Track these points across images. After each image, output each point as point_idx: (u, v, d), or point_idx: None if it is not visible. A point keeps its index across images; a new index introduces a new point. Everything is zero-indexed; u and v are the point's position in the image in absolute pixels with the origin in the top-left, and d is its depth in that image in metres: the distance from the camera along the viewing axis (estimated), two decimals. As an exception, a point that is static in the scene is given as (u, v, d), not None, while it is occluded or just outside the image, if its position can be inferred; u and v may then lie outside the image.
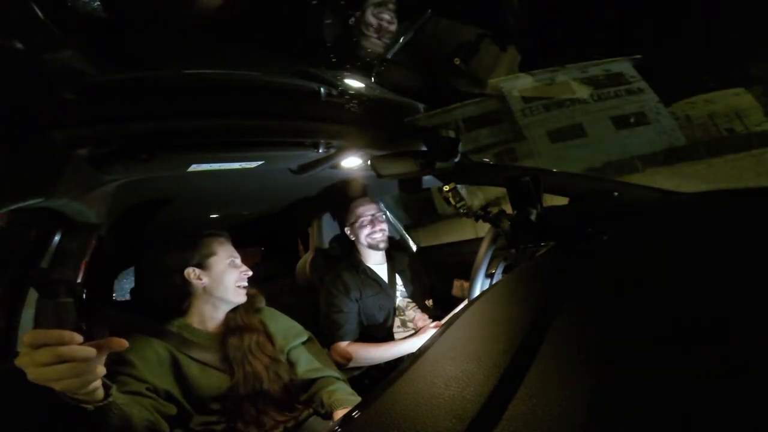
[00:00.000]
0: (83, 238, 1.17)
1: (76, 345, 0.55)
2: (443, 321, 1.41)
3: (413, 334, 1.45)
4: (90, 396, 0.62)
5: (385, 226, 1.61)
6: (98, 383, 0.62)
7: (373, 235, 1.58)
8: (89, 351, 0.56)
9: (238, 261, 1.12)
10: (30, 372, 0.54)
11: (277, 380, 1.03)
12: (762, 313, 0.37)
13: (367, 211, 1.59)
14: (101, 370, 0.60)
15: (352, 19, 0.94)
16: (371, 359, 1.39)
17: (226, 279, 1.06)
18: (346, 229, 1.64)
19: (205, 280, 1.06)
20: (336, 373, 1.14)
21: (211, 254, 1.08)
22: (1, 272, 1.01)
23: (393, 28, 0.95)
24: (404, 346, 1.39)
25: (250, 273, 1.11)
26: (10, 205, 0.74)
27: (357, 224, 1.59)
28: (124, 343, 0.59)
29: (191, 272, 1.06)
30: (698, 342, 0.36)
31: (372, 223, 1.58)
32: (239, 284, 1.09)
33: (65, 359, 0.54)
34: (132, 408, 0.75)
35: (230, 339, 1.03)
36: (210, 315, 1.07)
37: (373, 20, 0.93)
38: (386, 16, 0.93)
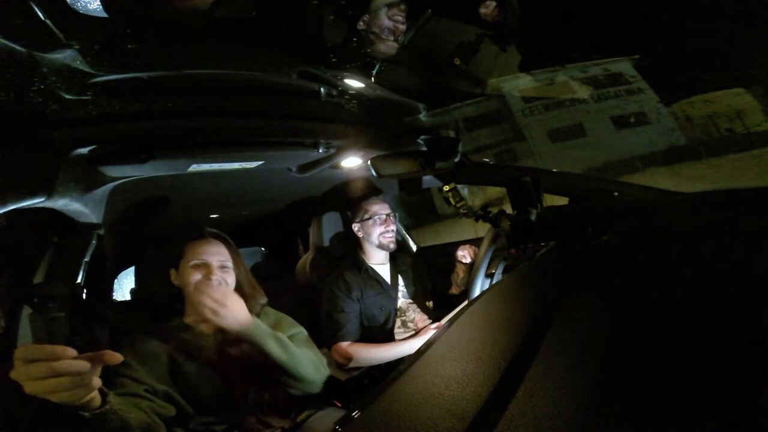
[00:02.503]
0: (83, 238, 1.17)
1: (69, 359, 0.55)
2: (443, 321, 1.41)
3: (414, 335, 1.45)
4: (86, 405, 0.62)
5: (395, 227, 1.61)
6: (94, 393, 0.62)
7: (385, 234, 1.57)
8: (83, 365, 0.56)
9: (210, 261, 1.03)
10: (25, 385, 0.55)
11: (278, 389, 1.03)
12: (762, 313, 0.37)
13: (382, 210, 1.59)
14: (96, 382, 0.61)
15: (361, 23, 0.94)
16: (372, 359, 1.39)
17: (187, 279, 1.03)
18: (354, 225, 1.63)
19: (178, 281, 1.05)
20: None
21: (181, 255, 1.06)
22: (0, 273, 1.02)
23: (404, 27, 0.96)
24: (405, 347, 1.39)
25: (214, 276, 1.01)
26: (10, 205, 0.74)
27: (370, 222, 1.58)
28: (118, 356, 0.59)
29: (172, 273, 1.07)
30: (698, 342, 0.36)
31: (386, 222, 1.58)
32: (204, 291, 0.99)
33: (59, 374, 0.55)
34: (129, 412, 0.75)
35: (231, 350, 1.01)
36: (201, 315, 1.06)
37: (388, 23, 0.93)
38: (399, 18, 0.93)
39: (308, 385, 1.02)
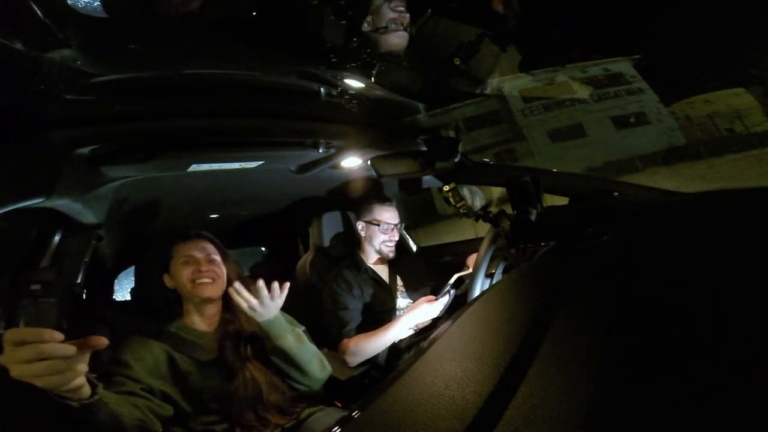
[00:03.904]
0: (83, 238, 1.17)
1: (56, 343, 0.56)
2: (438, 297, 1.39)
3: (406, 311, 1.43)
4: (75, 393, 0.62)
5: (397, 238, 1.63)
6: (81, 380, 0.62)
7: (387, 243, 1.59)
8: (69, 349, 0.57)
9: (198, 256, 1.07)
10: (12, 369, 0.55)
11: (276, 384, 1.03)
12: (762, 315, 0.37)
13: (392, 219, 1.60)
14: (83, 367, 0.61)
15: (366, 25, 0.94)
16: (377, 345, 1.38)
17: (179, 277, 1.05)
18: (359, 223, 1.63)
19: (172, 283, 1.07)
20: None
21: (170, 258, 1.08)
22: (1, 272, 1.02)
23: (408, 16, 0.96)
24: (399, 324, 1.37)
25: (204, 268, 1.05)
26: (10, 205, 0.74)
27: (377, 228, 1.58)
28: (104, 341, 0.60)
29: (165, 278, 1.09)
30: (698, 343, 0.36)
31: (392, 232, 1.60)
32: (193, 279, 1.04)
33: (45, 357, 0.55)
34: (122, 407, 0.76)
35: (228, 343, 1.02)
36: (200, 315, 1.07)
37: (392, 14, 0.93)
38: (401, 7, 0.94)
39: (313, 382, 1.07)
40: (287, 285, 1.02)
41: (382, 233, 1.58)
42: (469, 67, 1.11)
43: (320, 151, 1.21)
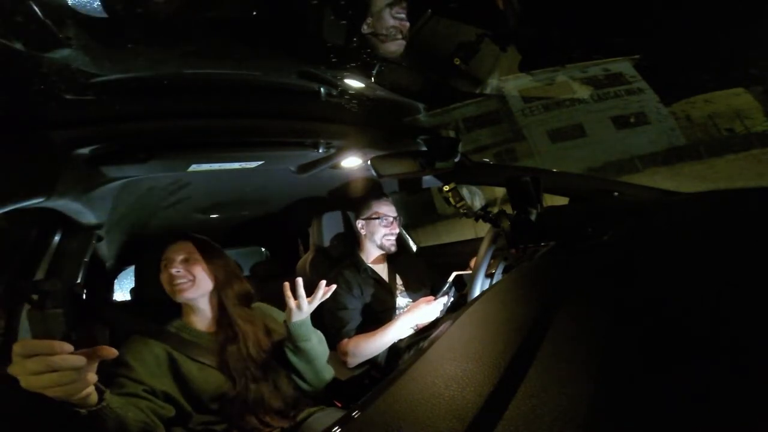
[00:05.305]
0: (83, 238, 1.17)
1: (65, 354, 0.56)
2: (437, 298, 1.39)
3: (405, 312, 1.43)
4: (83, 401, 0.63)
5: (398, 231, 1.64)
6: (90, 389, 0.63)
7: (388, 236, 1.60)
8: (79, 360, 0.57)
9: (174, 258, 1.06)
10: (22, 380, 0.56)
11: (278, 388, 1.03)
12: (762, 315, 0.37)
13: (390, 212, 1.62)
14: (92, 377, 0.62)
15: (365, 27, 0.94)
16: (376, 346, 1.38)
17: (162, 280, 1.06)
18: (359, 222, 1.64)
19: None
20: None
21: (159, 260, 1.08)
22: (1, 272, 1.02)
23: (408, 24, 0.96)
24: (398, 325, 1.37)
25: (179, 270, 1.03)
26: (10, 205, 0.74)
27: (377, 222, 1.60)
28: (113, 351, 0.60)
29: (160, 278, 1.08)
30: (699, 342, 0.36)
31: (392, 225, 1.61)
32: (171, 282, 1.03)
33: (55, 368, 0.56)
34: (127, 410, 0.76)
35: (229, 347, 1.02)
36: (196, 315, 1.07)
37: (394, 21, 0.93)
38: (403, 15, 0.94)
39: (322, 383, 1.09)
40: (332, 288, 1.03)
41: (383, 227, 1.59)
42: (469, 67, 1.11)
43: (320, 151, 1.21)
